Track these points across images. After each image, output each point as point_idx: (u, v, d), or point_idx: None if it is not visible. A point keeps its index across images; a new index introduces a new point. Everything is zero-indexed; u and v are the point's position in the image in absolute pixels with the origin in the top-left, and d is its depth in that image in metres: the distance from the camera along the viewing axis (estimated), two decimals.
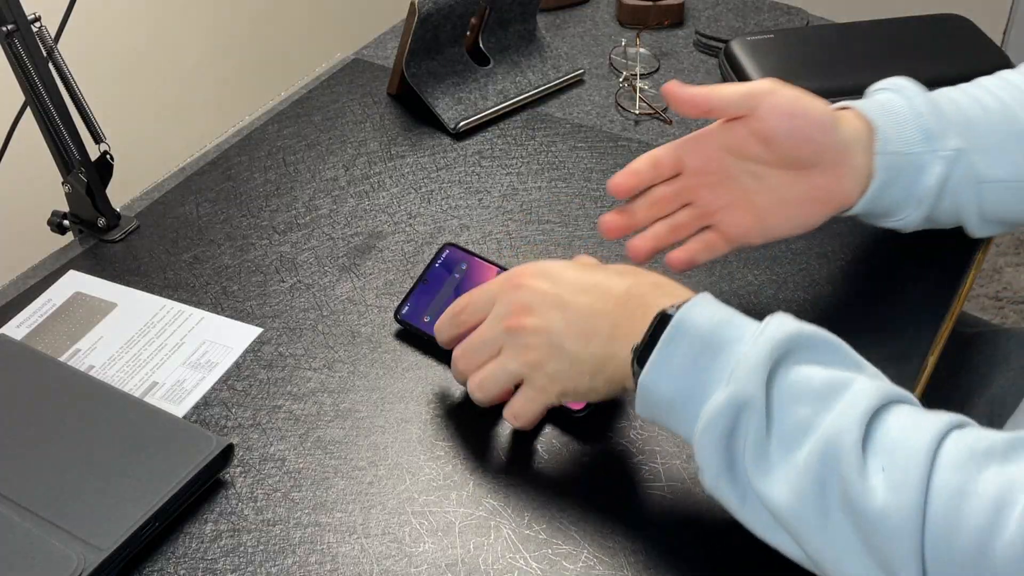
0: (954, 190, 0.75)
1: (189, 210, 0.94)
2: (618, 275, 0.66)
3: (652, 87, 1.10)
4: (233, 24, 1.79)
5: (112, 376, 0.77)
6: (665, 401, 0.60)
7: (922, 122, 0.74)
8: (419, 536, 0.66)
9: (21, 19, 0.81)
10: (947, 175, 0.74)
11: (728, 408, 0.57)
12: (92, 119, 0.88)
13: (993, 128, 0.75)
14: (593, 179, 0.97)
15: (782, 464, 0.56)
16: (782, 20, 1.24)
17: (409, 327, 0.79)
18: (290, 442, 0.72)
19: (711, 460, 0.58)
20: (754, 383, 0.56)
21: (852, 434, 0.53)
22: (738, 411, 0.57)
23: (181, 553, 0.66)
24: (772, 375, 0.57)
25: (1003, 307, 2.00)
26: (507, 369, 0.67)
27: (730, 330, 0.59)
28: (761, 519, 0.58)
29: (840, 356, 0.59)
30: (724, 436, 0.57)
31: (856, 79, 1.03)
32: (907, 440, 0.53)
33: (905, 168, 0.73)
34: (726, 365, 0.58)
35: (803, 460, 0.55)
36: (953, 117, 0.75)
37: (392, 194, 0.95)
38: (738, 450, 0.57)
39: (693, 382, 0.59)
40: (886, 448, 0.53)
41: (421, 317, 0.78)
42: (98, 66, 1.52)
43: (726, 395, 0.57)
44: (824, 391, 0.56)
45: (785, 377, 0.57)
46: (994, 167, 0.75)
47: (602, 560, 0.65)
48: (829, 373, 0.57)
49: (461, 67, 1.07)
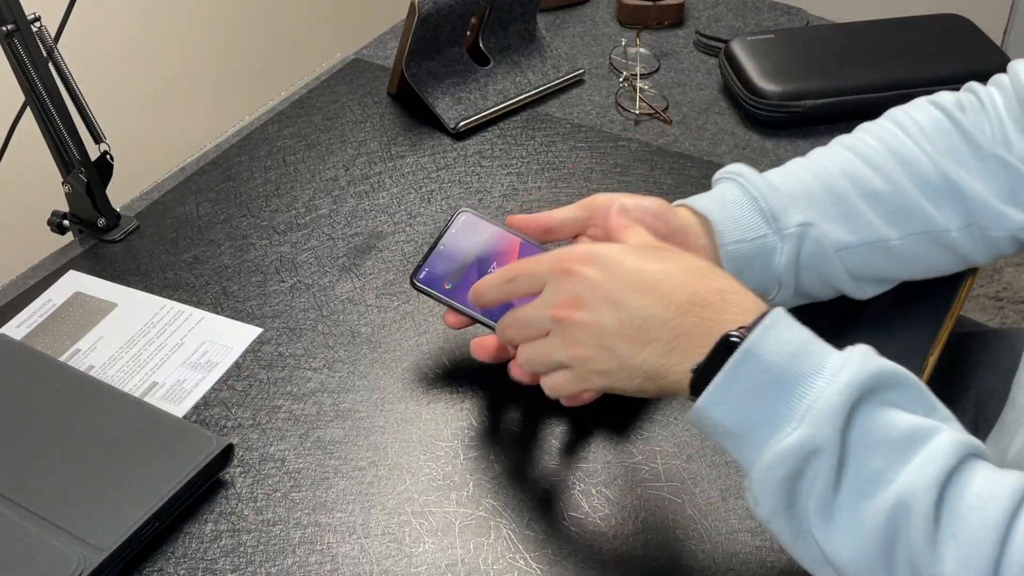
0: (811, 263, 0.75)
1: (189, 210, 0.94)
2: (681, 273, 0.60)
3: (652, 87, 1.10)
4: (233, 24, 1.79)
5: (112, 376, 0.77)
6: (723, 428, 0.57)
7: (760, 206, 0.75)
8: (419, 536, 0.66)
9: (21, 19, 0.81)
10: (797, 251, 0.75)
11: (798, 451, 0.53)
12: (92, 119, 0.88)
13: (835, 196, 0.76)
14: (593, 179, 0.97)
15: (849, 516, 0.53)
16: (782, 20, 1.24)
17: (428, 293, 0.75)
18: (290, 442, 0.72)
19: (770, 498, 0.55)
20: (831, 428, 0.53)
21: (926, 496, 0.51)
22: (809, 456, 0.53)
23: (181, 553, 0.66)
24: (850, 417, 0.54)
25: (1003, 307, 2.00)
26: (553, 357, 0.64)
27: (806, 362, 0.55)
28: (812, 555, 0.56)
29: (919, 398, 0.56)
30: (789, 478, 0.54)
31: (856, 79, 1.03)
32: (982, 509, 0.51)
33: (753, 254, 0.74)
34: (799, 401, 0.54)
35: (871, 515, 0.53)
36: (793, 193, 0.76)
37: (392, 194, 0.95)
38: (802, 493, 0.54)
39: (759, 415, 0.55)
40: (959, 515, 0.51)
41: (441, 283, 0.75)
42: (98, 66, 1.52)
43: (798, 438, 0.53)
44: (902, 442, 0.53)
45: (864, 421, 0.54)
46: (845, 234, 0.76)
47: (602, 560, 0.65)
48: (909, 420, 0.54)
49: (461, 67, 1.07)
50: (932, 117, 0.79)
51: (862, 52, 1.06)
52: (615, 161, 0.99)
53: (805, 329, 0.57)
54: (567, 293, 0.62)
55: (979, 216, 0.76)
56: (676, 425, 0.73)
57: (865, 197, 0.76)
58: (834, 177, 0.77)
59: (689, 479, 0.70)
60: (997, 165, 0.76)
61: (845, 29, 1.11)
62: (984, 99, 0.79)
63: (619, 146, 1.01)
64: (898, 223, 0.76)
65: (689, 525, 0.67)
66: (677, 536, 0.66)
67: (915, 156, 0.77)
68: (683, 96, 1.10)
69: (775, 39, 1.08)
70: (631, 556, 0.65)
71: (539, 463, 0.71)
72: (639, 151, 1.01)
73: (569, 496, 0.69)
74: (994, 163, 0.76)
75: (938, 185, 0.76)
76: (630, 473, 0.70)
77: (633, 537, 0.66)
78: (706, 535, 0.66)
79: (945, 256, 0.78)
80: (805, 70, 1.04)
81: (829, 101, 1.02)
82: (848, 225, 0.76)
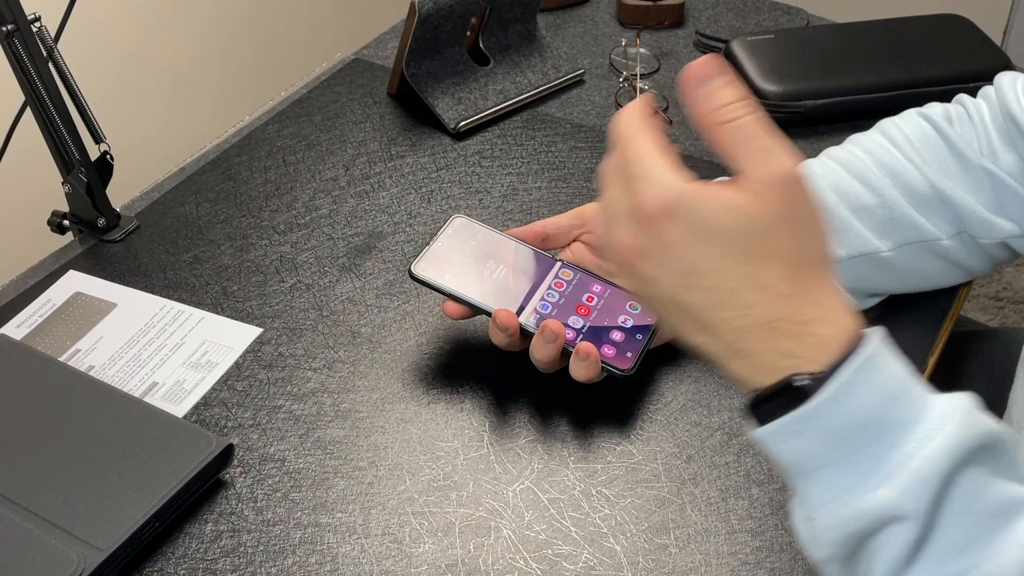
0: None
1: (189, 210, 0.94)
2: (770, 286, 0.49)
3: (652, 87, 1.10)
4: (233, 24, 1.79)
5: (112, 376, 0.77)
6: (784, 461, 0.50)
7: None
8: (419, 536, 0.66)
9: (21, 19, 0.81)
10: None
11: (880, 513, 0.47)
12: (92, 119, 0.88)
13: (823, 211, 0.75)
14: (593, 179, 0.97)
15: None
16: (782, 20, 1.24)
17: (428, 285, 0.75)
18: (290, 442, 0.72)
19: (831, 548, 0.49)
20: (924, 498, 0.46)
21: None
22: (889, 520, 0.47)
23: (181, 553, 0.66)
24: (947, 485, 0.47)
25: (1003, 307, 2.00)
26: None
27: (902, 408, 0.48)
28: None
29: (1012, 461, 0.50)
30: (861, 535, 0.48)
31: (856, 79, 1.03)
32: None
33: None
34: (889, 453, 0.47)
35: None
36: None
37: (392, 194, 0.95)
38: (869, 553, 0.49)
39: (837, 459, 0.48)
40: None
41: (443, 275, 0.75)
42: (98, 66, 1.52)
43: (883, 499, 0.47)
44: (994, 514, 0.47)
45: (962, 491, 0.47)
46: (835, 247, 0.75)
47: (602, 561, 0.65)
48: (1004, 489, 0.48)
49: (461, 67, 1.07)
50: (921, 129, 0.80)
51: (862, 52, 1.06)
52: None
53: (905, 368, 0.49)
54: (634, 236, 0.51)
55: (969, 226, 0.77)
56: (677, 425, 0.73)
57: (854, 211, 0.77)
58: (822, 192, 0.77)
59: (689, 479, 0.70)
60: (984, 177, 0.77)
61: (845, 29, 1.11)
62: (972, 112, 0.80)
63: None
64: (889, 234, 0.77)
65: (689, 525, 0.67)
66: (677, 537, 0.66)
67: (904, 168, 0.78)
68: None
69: (775, 39, 1.08)
70: (631, 556, 0.65)
71: (540, 464, 0.71)
72: None
73: (569, 496, 0.69)
74: (981, 175, 0.77)
75: (927, 196, 0.77)
76: (630, 473, 0.70)
77: (634, 538, 0.66)
78: (706, 535, 0.66)
79: (941, 265, 0.79)
80: (805, 70, 1.04)
81: (829, 101, 1.02)
82: (837, 239, 0.76)
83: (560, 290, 0.75)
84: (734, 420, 0.73)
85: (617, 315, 0.74)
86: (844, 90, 1.02)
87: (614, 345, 0.72)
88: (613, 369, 0.71)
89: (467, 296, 0.73)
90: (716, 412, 0.74)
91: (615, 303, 0.75)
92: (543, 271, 0.76)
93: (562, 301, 0.74)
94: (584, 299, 0.75)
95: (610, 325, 0.73)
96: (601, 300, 0.75)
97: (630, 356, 0.72)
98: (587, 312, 0.74)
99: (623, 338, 0.73)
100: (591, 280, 0.76)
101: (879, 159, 0.78)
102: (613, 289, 0.75)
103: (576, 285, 0.75)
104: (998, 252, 0.79)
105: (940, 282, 0.81)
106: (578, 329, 0.73)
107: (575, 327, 0.73)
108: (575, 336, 0.72)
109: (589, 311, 0.74)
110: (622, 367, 0.71)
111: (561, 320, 0.73)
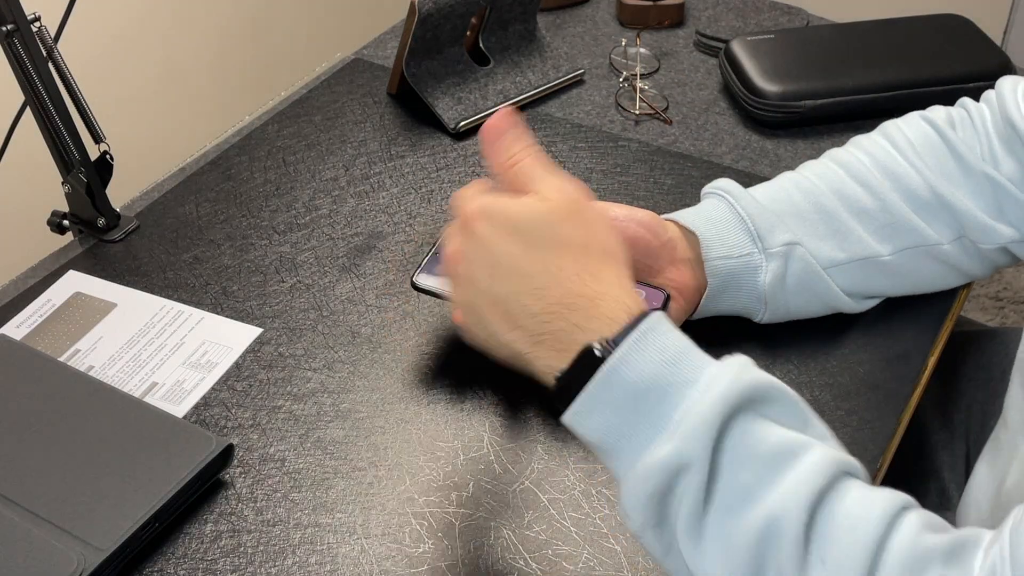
0: (802, 283, 0.76)
1: (189, 210, 0.94)
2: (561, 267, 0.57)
3: (652, 87, 1.10)
4: (233, 24, 1.79)
5: (112, 376, 0.77)
6: (591, 439, 0.55)
7: (746, 225, 0.76)
8: (419, 537, 0.66)
9: (21, 19, 0.81)
10: (783, 270, 0.75)
11: (667, 466, 0.52)
12: (92, 119, 0.88)
13: (824, 214, 0.77)
14: (593, 179, 0.97)
15: (717, 536, 0.52)
16: (782, 20, 1.24)
17: (430, 293, 0.75)
18: (290, 442, 0.72)
19: (640, 513, 0.53)
20: (701, 443, 0.51)
21: (797, 518, 0.50)
22: (678, 471, 0.52)
23: (181, 553, 0.66)
24: (722, 431, 0.52)
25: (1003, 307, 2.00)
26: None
27: (680, 372, 0.53)
28: (684, 570, 0.54)
29: (794, 413, 0.55)
30: (659, 493, 0.52)
31: (856, 79, 1.03)
32: (851, 532, 0.50)
33: (739, 270, 0.75)
34: (671, 412, 0.53)
35: (740, 536, 0.51)
36: (780, 211, 0.77)
37: (392, 194, 0.95)
38: (671, 510, 0.53)
39: (628, 429, 0.53)
40: (829, 538, 0.50)
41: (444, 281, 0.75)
42: (98, 66, 1.52)
43: (667, 452, 0.52)
44: (773, 458, 0.52)
45: (736, 436, 0.52)
46: (835, 251, 0.76)
47: (602, 561, 0.65)
48: (781, 436, 0.53)
49: (461, 67, 1.07)
50: (923, 132, 0.80)
51: (862, 52, 1.06)
52: (615, 161, 0.99)
53: (684, 337, 0.55)
54: (458, 241, 0.60)
55: (969, 231, 0.77)
56: None
57: (855, 214, 0.77)
58: (823, 195, 0.78)
59: None
60: (984, 182, 0.77)
61: (845, 29, 1.11)
62: (974, 116, 0.80)
63: (619, 146, 1.01)
64: (889, 239, 0.77)
65: None
66: None
67: (905, 172, 0.78)
68: (683, 96, 1.10)
69: (775, 39, 1.08)
70: (632, 557, 0.65)
71: (540, 464, 0.71)
72: (639, 151, 1.01)
73: (570, 497, 0.69)
74: (982, 180, 0.77)
75: (928, 201, 0.77)
76: None
77: (633, 538, 0.66)
78: None
79: (941, 269, 0.79)
80: (805, 70, 1.04)
81: (829, 101, 1.02)
82: (838, 242, 0.77)
83: None
84: None
85: None
86: (844, 90, 1.02)
87: None
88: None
89: None
90: None
91: None
92: None
93: None
94: None
95: None
96: None
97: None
98: None
99: None
100: None
101: (881, 162, 0.78)
102: None
103: None
104: (998, 257, 0.79)
105: (939, 285, 0.81)
106: None
107: None
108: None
109: None
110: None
111: None
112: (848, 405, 0.75)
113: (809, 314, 0.78)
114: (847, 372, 0.77)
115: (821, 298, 0.77)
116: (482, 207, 0.59)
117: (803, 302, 0.77)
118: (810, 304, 0.78)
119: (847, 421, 0.73)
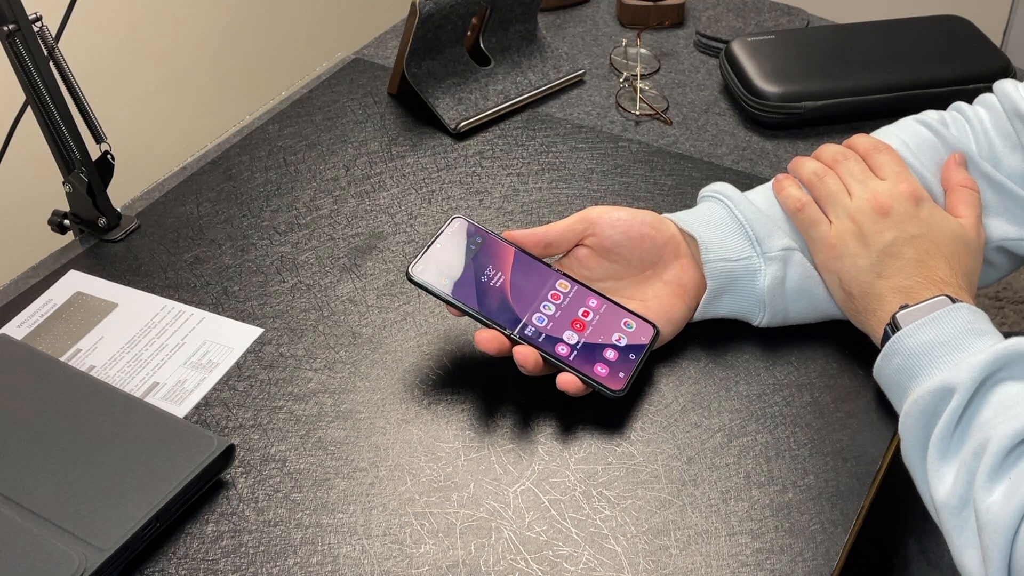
0: (800, 287, 0.77)
1: (190, 210, 0.94)
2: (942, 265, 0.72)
3: (653, 88, 1.10)
4: (233, 24, 1.79)
5: (113, 376, 0.77)
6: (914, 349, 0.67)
7: (745, 229, 0.77)
8: (420, 537, 0.66)
9: (22, 19, 0.81)
10: (782, 274, 0.76)
11: (937, 389, 0.64)
12: (93, 119, 0.88)
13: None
14: (594, 180, 0.97)
15: (953, 458, 0.63)
16: (782, 21, 1.24)
17: (425, 288, 0.75)
18: (291, 443, 0.73)
19: (909, 433, 0.65)
20: (970, 376, 0.63)
21: (1003, 440, 0.60)
22: (945, 394, 0.63)
23: (182, 554, 0.66)
24: (991, 375, 0.64)
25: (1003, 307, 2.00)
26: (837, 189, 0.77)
27: (989, 326, 0.68)
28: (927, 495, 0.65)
29: None
30: (926, 414, 0.64)
31: (856, 80, 1.03)
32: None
33: (738, 273, 0.76)
34: (961, 355, 0.65)
35: (964, 457, 0.62)
36: (778, 216, 0.78)
37: (393, 194, 0.95)
38: (931, 431, 0.64)
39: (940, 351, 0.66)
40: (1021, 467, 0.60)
41: (439, 279, 0.75)
42: (99, 66, 1.52)
43: (940, 379, 0.64)
44: (1011, 402, 0.62)
45: (996, 384, 0.64)
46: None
47: (603, 562, 0.65)
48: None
49: (462, 67, 1.07)
50: (917, 133, 0.80)
51: (862, 53, 1.06)
52: (616, 162, 0.99)
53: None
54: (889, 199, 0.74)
55: None
56: (677, 427, 0.73)
57: None
58: None
59: (690, 481, 0.70)
60: (983, 180, 0.78)
61: (845, 30, 1.11)
62: (971, 117, 0.81)
63: (619, 147, 1.02)
64: None
65: (690, 527, 0.67)
66: (678, 538, 0.66)
67: None
68: (683, 97, 1.10)
69: (775, 40, 1.08)
70: (632, 558, 0.65)
71: (540, 464, 0.71)
72: (639, 152, 1.01)
73: (570, 497, 0.69)
74: (980, 178, 0.78)
75: None
76: (631, 474, 0.70)
77: (634, 539, 0.66)
78: (707, 537, 0.66)
79: None
80: (805, 71, 1.04)
81: (829, 102, 1.02)
82: None
83: (556, 302, 0.75)
84: (734, 422, 0.74)
85: (612, 332, 0.74)
86: (844, 91, 1.02)
87: (607, 364, 0.72)
88: (604, 389, 0.72)
89: (463, 304, 0.73)
90: (716, 414, 0.74)
91: (610, 318, 0.75)
92: (540, 281, 0.76)
93: (558, 314, 0.74)
94: (580, 313, 0.75)
95: (604, 343, 0.73)
96: (596, 315, 0.75)
97: (622, 376, 0.72)
98: (582, 327, 0.74)
99: (616, 357, 0.73)
100: (587, 294, 0.76)
101: None
102: (609, 304, 0.75)
103: (572, 298, 0.75)
104: (997, 258, 0.79)
105: None
106: (572, 345, 0.73)
107: (569, 343, 0.73)
108: (569, 352, 0.72)
109: (584, 326, 0.74)
110: (614, 387, 0.72)
111: (556, 335, 0.73)
112: (848, 407, 0.75)
113: (807, 321, 0.79)
114: (848, 373, 0.77)
115: (819, 304, 0.78)
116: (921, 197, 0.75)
117: (802, 308, 0.77)
118: (809, 310, 0.78)
119: (847, 423, 0.73)
